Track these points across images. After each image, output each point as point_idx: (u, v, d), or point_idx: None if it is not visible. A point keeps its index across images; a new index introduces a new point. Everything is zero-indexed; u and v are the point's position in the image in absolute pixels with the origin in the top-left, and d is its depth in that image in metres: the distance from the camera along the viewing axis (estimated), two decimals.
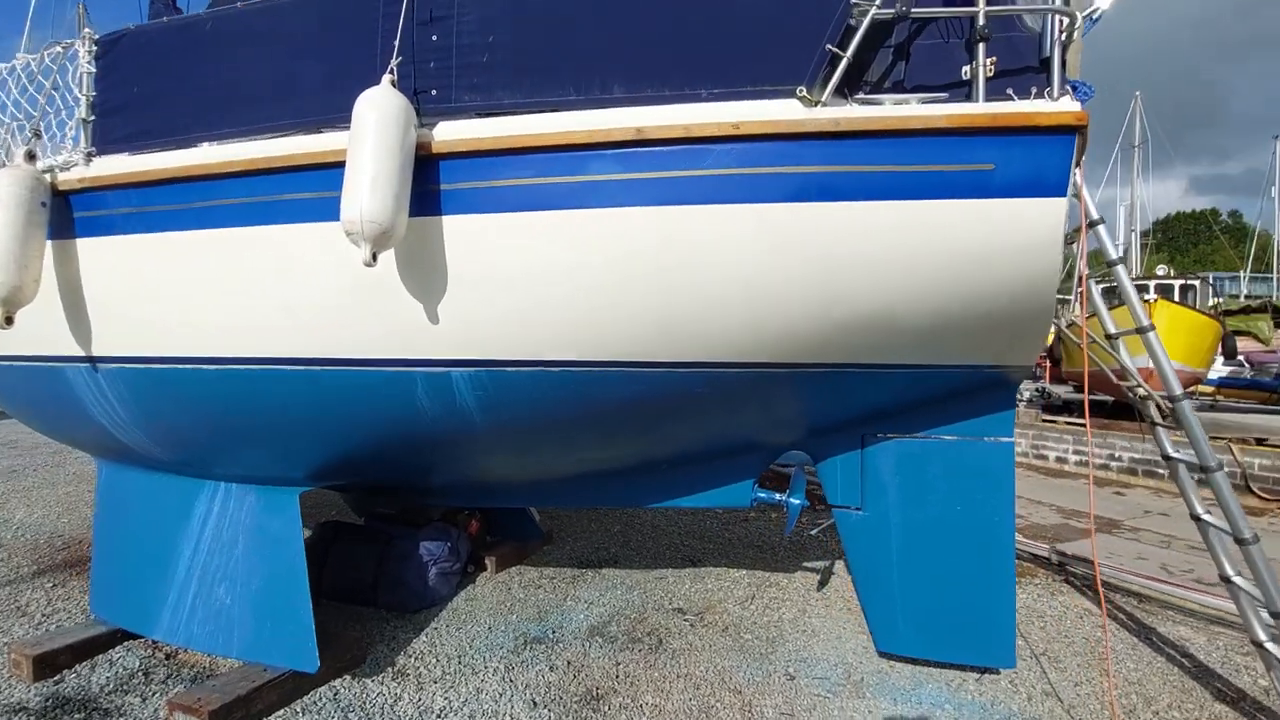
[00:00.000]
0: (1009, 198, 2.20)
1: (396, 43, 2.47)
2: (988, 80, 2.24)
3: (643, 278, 2.41)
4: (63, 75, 3.01)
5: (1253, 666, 3.51)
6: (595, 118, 2.37)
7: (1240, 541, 2.67)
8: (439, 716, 3.05)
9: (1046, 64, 2.22)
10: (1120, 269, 2.69)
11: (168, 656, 3.61)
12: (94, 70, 2.98)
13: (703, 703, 3.16)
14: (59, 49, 3.02)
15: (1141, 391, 2.99)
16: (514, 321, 2.50)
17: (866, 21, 2.21)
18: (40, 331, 3.03)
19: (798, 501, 3.45)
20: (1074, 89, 2.19)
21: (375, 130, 2.27)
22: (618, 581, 4.66)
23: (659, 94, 2.37)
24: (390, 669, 3.48)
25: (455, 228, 2.43)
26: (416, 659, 3.58)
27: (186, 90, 2.88)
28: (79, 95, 2.94)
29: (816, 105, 2.28)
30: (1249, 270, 32.76)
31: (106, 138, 2.97)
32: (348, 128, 2.35)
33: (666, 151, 2.30)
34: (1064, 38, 2.19)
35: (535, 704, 3.16)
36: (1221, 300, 19.26)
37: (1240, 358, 13.62)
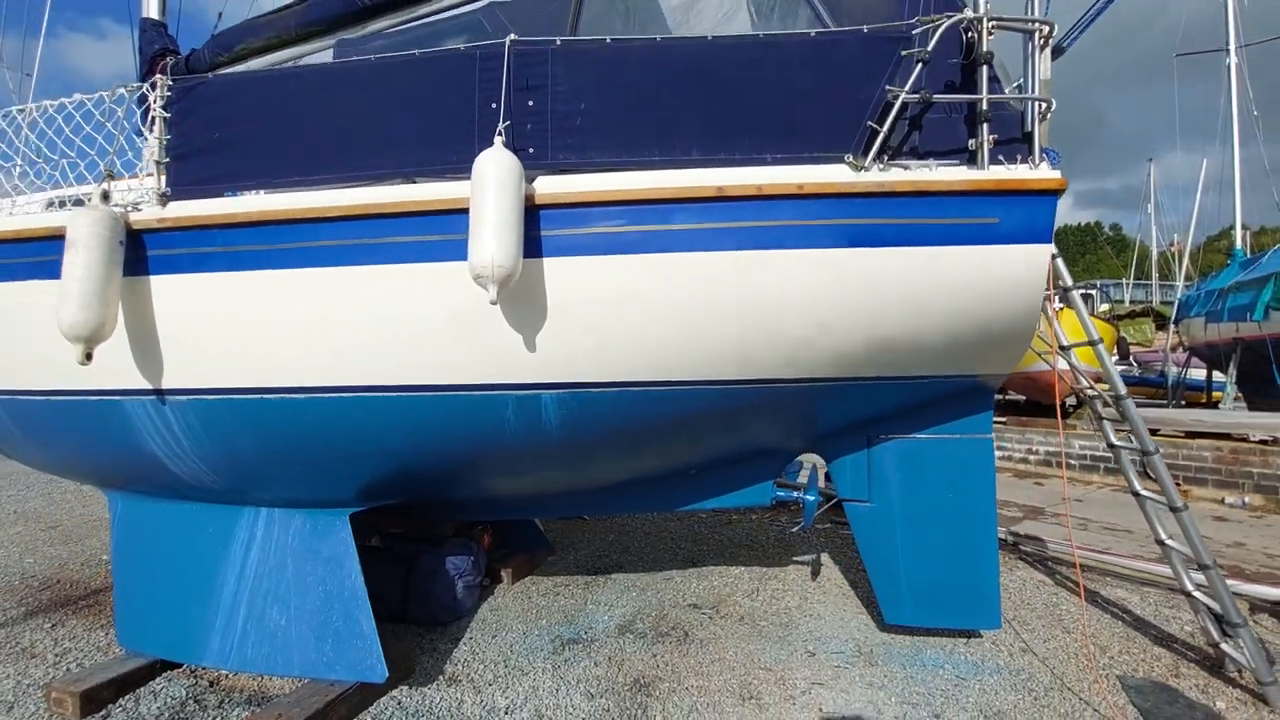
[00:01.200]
0: (1009, 244, 2.74)
1: (502, 107, 2.77)
2: (978, 145, 2.79)
3: (720, 309, 2.81)
4: (114, 116, 3.09)
5: (1178, 617, 4.23)
6: (683, 176, 2.76)
7: (1174, 510, 3.32)
8: (505, 713, 3.29)
9: (1028, 137, 2.80)
10: (1074, 293, 3.31)
11: (211, 683, 3.65)
12: (168, 115, 3.09)
13: (741, 680, 3.54)
14: (124, 91, 3.11)
15: (1091, 391, 3.63)
16: (604, 349, 2.83)
17: (898, 104, 2.72)
18: (96, 366, 3.08)
19: (812, 497, 3.90)
20: (1048, 155, 2.76)
21: (496, 186, 2.56)
22: (629, 585, 4.98)
23: (731, 157, 2.80)
24: (441, 677, 3.66)
25: (555, 269, 2.73)
26: (464, 666, 3.78)
27: (271, 137, 3.04)
28: (150, 137, 3.04)
29: (861, 170, 2.78)
30: (1131, 278, 36.61)
31: (181, 179, 3.08)
32: (438, 179, 2.62)
33: (742, 205, 2.72)
34: (1041, 118, 2.77)
35: (591, 695, 3.44)
36: (1110, 306, 21.50)
37: (1130, 358, 15.35)
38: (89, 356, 2.79)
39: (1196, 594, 3.47)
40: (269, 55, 4.56)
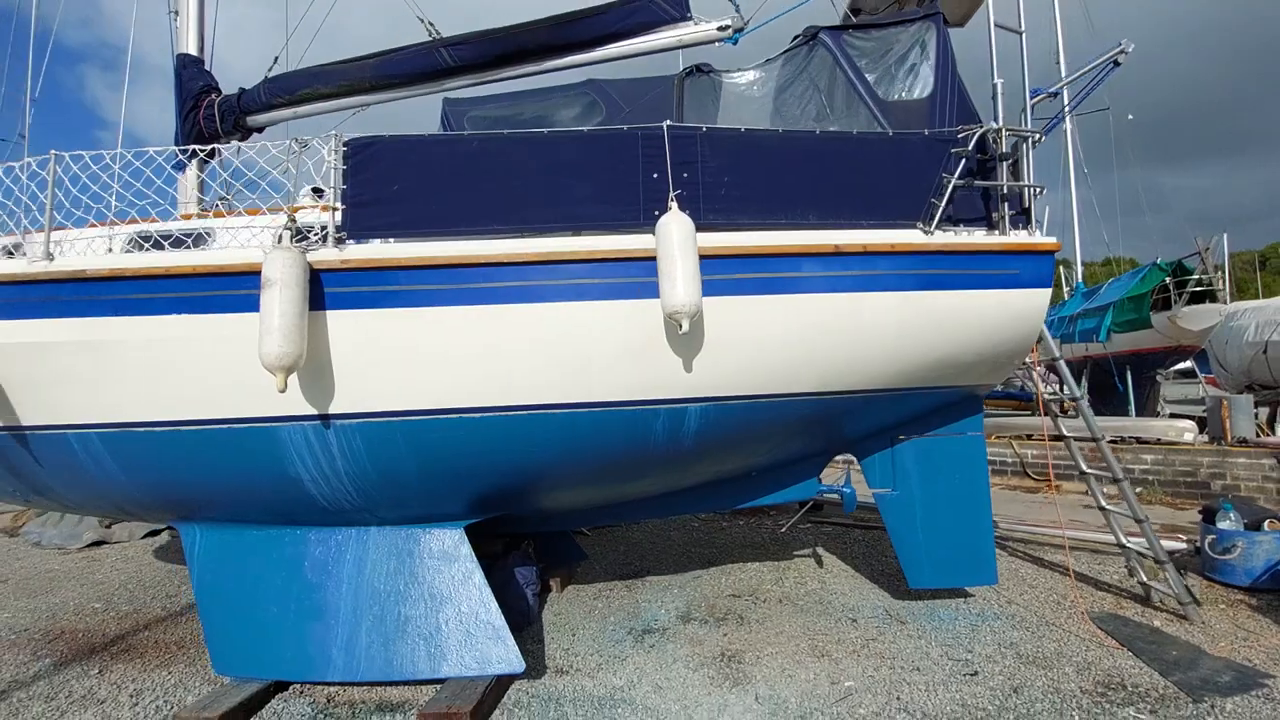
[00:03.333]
0: (1023, 288, 3.74)
1: (670, 176, 3.37)
2: (999, 218, 3.82)
3: (832, 336, 3.57)
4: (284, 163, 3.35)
5: (1107, 569, 5.45)
6: (809, 236, 3.50)
7: (1116, 480, 4.46)
8: (626, 689, 3.75)
9: (1027, 212, 3.86)
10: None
11: (329, 699, 3.81)
12: (344, 167, 3.38)
13: (810, 642, 4.23)
14: (294, 144, 3.36)
15: (1050, 394, 4.76)
16: (742, 368, 3.47)
17: (950, 187, 3.67)
18: (249, 395, 3.28)
19: (850, 490, 4.73)
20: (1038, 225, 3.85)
21: (682, 241, 3.14)
22: (666, 585, 5.53)
23: (838, 222, 3.58)
24: (550, 669, 4.05)
25: (713, 306, 3.34)
26: (565, 659, 4.18)
27: (444, 192, 3.42)
28: (324, 186, 3.31)
29: (928, 234, 3.68)
30: None
31: (357, 225, 3.38)
32: (605, 233, 3.21)
33: (851, 259, 3.50)
34: (1037, 196, 3.83)
35: (691, 668, 3.99)
36: None
37: None
38: (285, 387, 3.02)
39: (1130, 544, 4.64)
40: (332, 101, 4.87)
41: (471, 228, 3.44)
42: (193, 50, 5.23)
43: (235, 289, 3.27)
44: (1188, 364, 15.41)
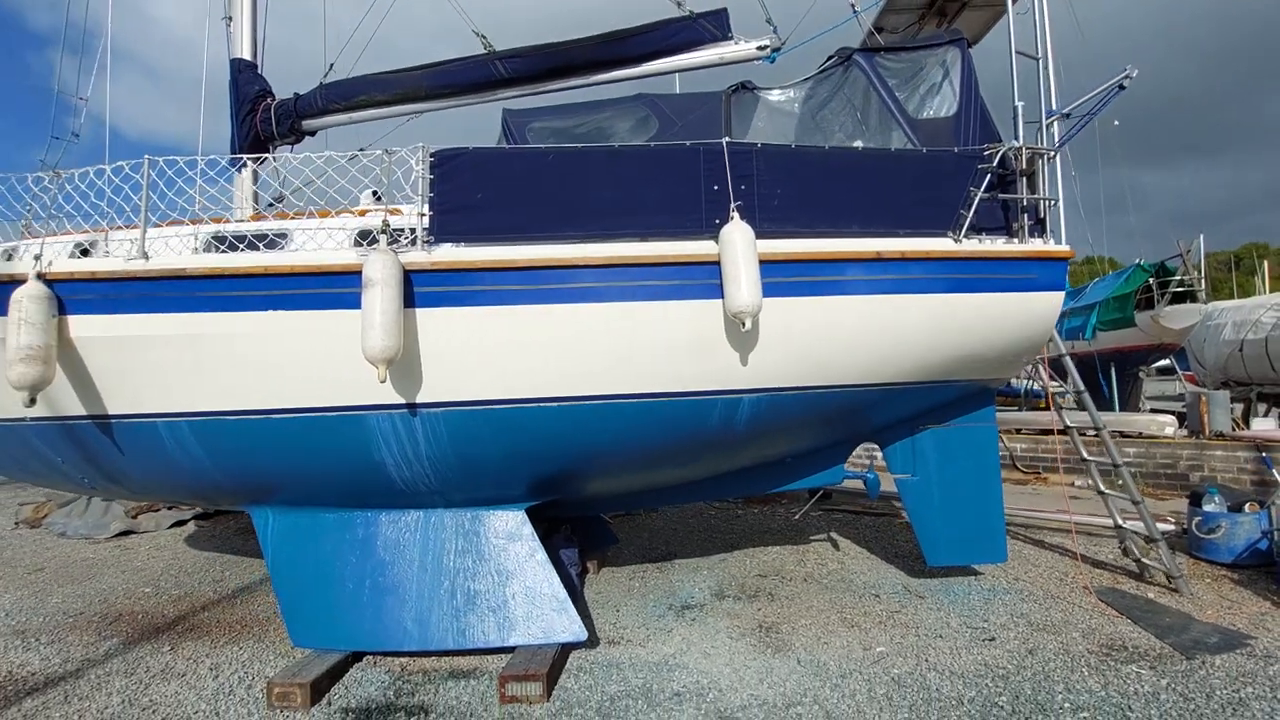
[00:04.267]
0: (1040, 291, 4.14)
1: (730, 188, 3.71)
2: (1019, 228, 4.21)
3: (873, 334, 3.94)
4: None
5: (1102, 550, 5.89)
6: (852, 243, 3.86)
7: (1115, 466, 4.89)
8: (677, 656, 4.10)
9: (1042, 222, 4.25)
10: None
11: (402, 668, 4.10)
12: (430, 176, 3.67)
13: (838, 615, 4.61)
14: (383, 154, 3.65)
15: (1055, 387, 5.18)
16: (792, 362, 3.84)
17: (976, 200, 4.05)
18: (342, 386, 3.57)
19: (873, 476, 5.11)
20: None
21: (744, 247, 3.49)
22: (695, 568, 5.88)
23: (881, 231, 3.95)
24: (604, 641, 4.38)
25: (765, 306, 3.68)
26: (615, 632, 4.51)
27: (525, 199, 3.73)
28: (413, 195, 3.61)
29: (958, 241, 4.06)
30: None
31: (443, 230, 3.68)
32: (670, 240, 3.56)
33: (891, 264, 3.88)
34: (1052, 208, 4.23)
35: (733, 637, 4.34)
36: None
37: None
38: (384, 380, 3.32)
39: (1125, 525, 5.07)
40: (386, 108, 5.14)
41: (547, 233, 3.75)
42: (246, 55, 5.46)
43: (328, 287, 3.55)
44: (1167, 361, 16.07)
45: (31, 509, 9.31)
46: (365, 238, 4.09)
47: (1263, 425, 10.80)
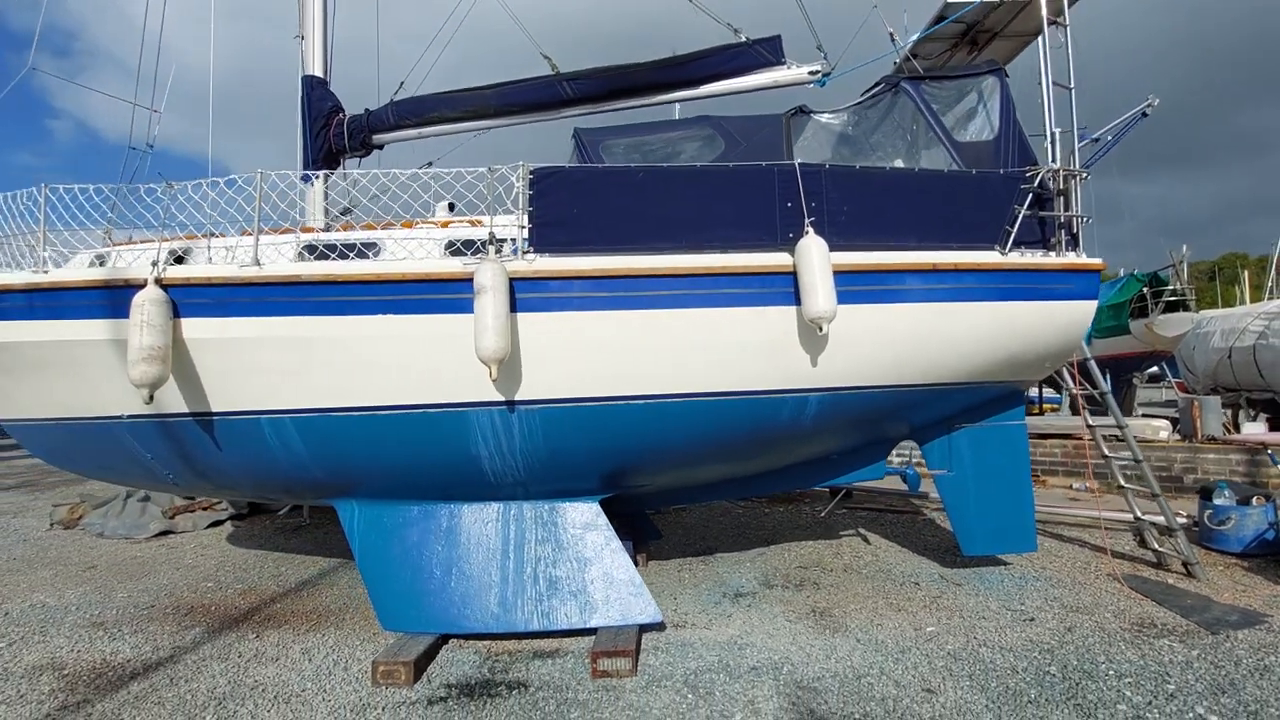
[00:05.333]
0: (1076, 300, 4.53)
1: (797, 205, 4.07)
2: (1056, 242, 4.60)
3: (928, 338, 4.31)
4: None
5: (1119, 541, 6.28)
6: (910, 256, 4.24)
7: (1137, 461, 5.27)
8: (743, 636, 4.40)
9: (1075, 237, 4.65)
10: None
11: (488, 650, 4.36)
12: (530, 192, 3.99)
13: (885, 600, 4.94)
14: (487, 170, 4.00)
15: (1082, 389, 5.58)
16: (855, 364, 4.20)
17: (1020, 217, 4.44)
18: (441, 383, 3.87)
19: (913, 472, 5.48)
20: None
21: (819, 259, 3.85)
22: (737, 561, 6.19)
23: (935, 244, 4.32)
24: (669, 625, 4.67)
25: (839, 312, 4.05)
26: (678, 617, 4.80)
27: (616, 214, 4.07)
28: (513, 209, 3.94)
29: (1004, 255, 4.44)
30: None
31: (542, 241, 4.01)
32: (748, 252, 3.93)
33: (945, 275, 4.25)
34: (1084, 224, 4.64)
35: (791, 620, 4.66)
36: None
37: None
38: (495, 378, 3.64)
39: (1144, 517, 5.46)
40: (456, 124, 5.45)
41: (635, 244, 4.08)
42: (318, 73, 5.74)
43: (436, 293, 3.85)
44: (1156, 369, 16.68)
45: (66, 510, 9.43)
46: (450, 248, 4.39)
47: (1252, 429, 11.32)
